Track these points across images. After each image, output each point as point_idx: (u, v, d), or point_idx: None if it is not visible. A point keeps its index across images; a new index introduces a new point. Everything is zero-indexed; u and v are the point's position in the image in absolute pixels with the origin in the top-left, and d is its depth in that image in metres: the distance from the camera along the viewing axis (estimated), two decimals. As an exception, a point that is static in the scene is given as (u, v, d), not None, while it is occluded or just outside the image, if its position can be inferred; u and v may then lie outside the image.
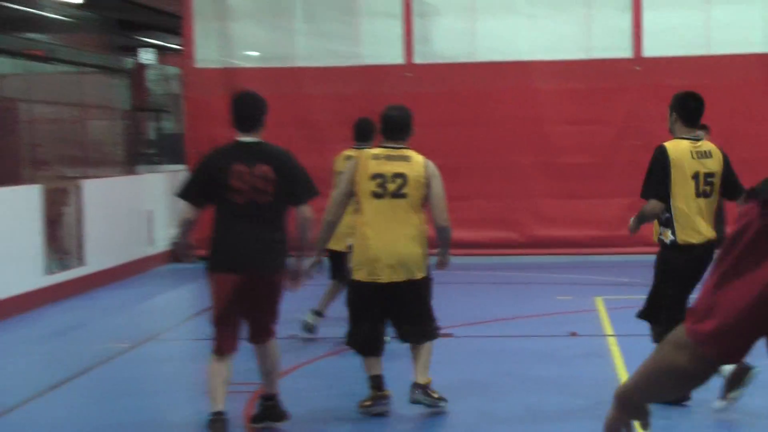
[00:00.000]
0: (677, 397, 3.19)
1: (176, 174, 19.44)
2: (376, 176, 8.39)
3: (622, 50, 17.99)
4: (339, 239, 9.75)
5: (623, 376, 9.17)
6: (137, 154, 21.55)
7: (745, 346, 2.63)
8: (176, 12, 20.75)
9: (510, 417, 8.44)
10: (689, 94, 9.06)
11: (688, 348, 2.68)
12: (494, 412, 8.56)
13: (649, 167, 8.69)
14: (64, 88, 17.80)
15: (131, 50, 30.40)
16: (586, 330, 11.44)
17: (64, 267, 15.20)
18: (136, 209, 17.80)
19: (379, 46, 18.43)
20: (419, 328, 8.49)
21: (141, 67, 31.35)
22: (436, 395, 8.45)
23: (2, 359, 11.26)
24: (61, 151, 16.84)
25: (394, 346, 9.19)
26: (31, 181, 15.46)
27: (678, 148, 8.57)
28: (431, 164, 8.51)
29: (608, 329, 9.91)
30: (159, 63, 33.59)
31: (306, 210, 7.97)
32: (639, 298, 10.00)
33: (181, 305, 15.73)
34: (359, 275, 8.46)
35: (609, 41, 18.12)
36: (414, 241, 8.43)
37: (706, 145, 8.74)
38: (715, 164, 8.60)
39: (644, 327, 11.10)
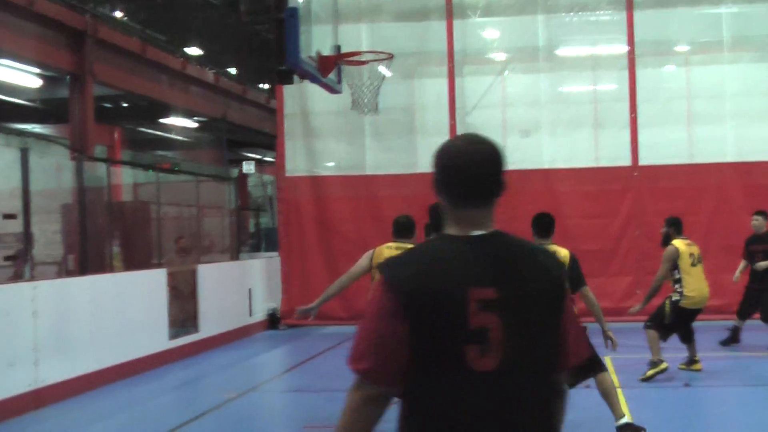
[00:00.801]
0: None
1: (271, 260, 19.61)
2: None
3: (624, 160, 17.99)
4: None
5: (627, 413, 9.07)
6: (241, 244, 21.74)
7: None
8: (271, 132, 21.07)
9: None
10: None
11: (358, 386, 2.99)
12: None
13: None
14: (186, 193, 18.07)
15: (237, 162, 30.81)
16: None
17: (184, 333, 15.34)
18: (239, 287, 17.92)
19: (432, 157, 18.56)
20: None
21: (244, 176, 31.73)
22: None
23: (139, 405, 11.36)
24: (183, 241, 17.01)
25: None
26: (159, 266, 15.69)
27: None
28: None
29: (616, 382, 9.86)
30: (258, 172, 34.02)
31: None
32: (639, 357, 9.99)
33: (275, 363, 15.75)
34: None
35: (613, 153, 18.13)
36: None
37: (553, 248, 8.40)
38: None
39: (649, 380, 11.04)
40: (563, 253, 8.61)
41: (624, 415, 8.56)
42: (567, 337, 3.16)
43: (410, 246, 8.80)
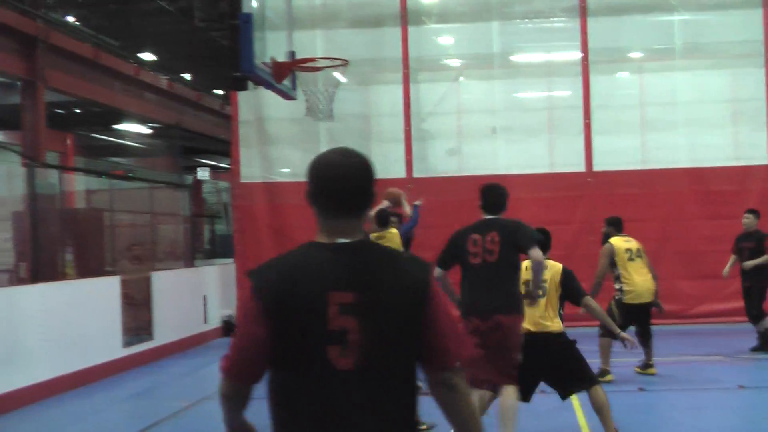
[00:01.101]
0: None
1: (226, 267, 19.52)
2: None
3: (578, 166, 18.11)
4: None
5: (584, 425, 9.13)
6: (196, 251, 21.63)
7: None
8: (226, 138, 20.99)
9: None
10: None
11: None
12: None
13: None
14: (140, 200, 17.96)
15: (192, 168, 30.67)
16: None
17: (139, 341, 15.23)
18: (194, 294, 17.83)
19: (387, 164, 18.57)
20: None
21: (199, 182, 31.60)
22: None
23: (92, 416, 11.26)
24: (137, 249, 16.87)
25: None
26: (112, 273, 15.57)
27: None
28: None
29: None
30: (213, 178, 33.86)
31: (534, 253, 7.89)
32: (593, 361, 10.05)
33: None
34: None
35: (568, 159, 18.26)
36: None
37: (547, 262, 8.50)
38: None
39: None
40: (556, 267, 8.66)
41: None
42: (439, 337, 3.35)
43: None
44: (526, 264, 8.27)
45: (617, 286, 12.28)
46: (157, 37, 23.55)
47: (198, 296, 17.94)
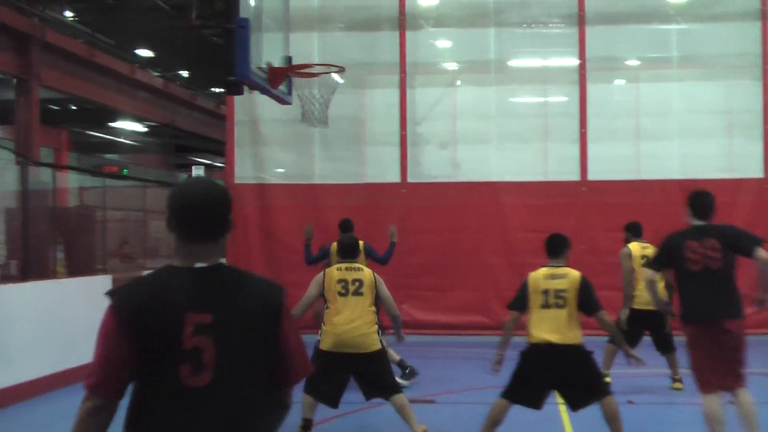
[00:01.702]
0: None
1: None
2: (340, 281, 9.33)
3: (572, 174, 18.17)
4: None
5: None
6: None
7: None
8: (221, 138, 21.02)
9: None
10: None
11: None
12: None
13: None
14: (132, 197, 17.97)
15: (185, 166, 30.69)
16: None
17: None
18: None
19: (381, 168, 18.60)
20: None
21: (192, 180, 31.63)
22: None
23: (77, 415, 11.25)
24: (128, 248, 16.87)
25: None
26: (103, 272, 15.59)
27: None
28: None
29: (560, 399, 9.92)
30: (206, 177, 33.93)
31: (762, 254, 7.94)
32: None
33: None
34: (328, 348, 9.20)
35: (561, 167, 18.31)
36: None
37: (563, 270, 8.64)
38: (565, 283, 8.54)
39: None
40: (574, 275, 8.60)
41: None
42: (288, 356, 3.67)
43: (358, 266, 9.47)
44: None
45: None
46: (152, 34, 23.52)
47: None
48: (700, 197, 8.40)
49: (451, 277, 17.71)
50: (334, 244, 11.42)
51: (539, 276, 8.63)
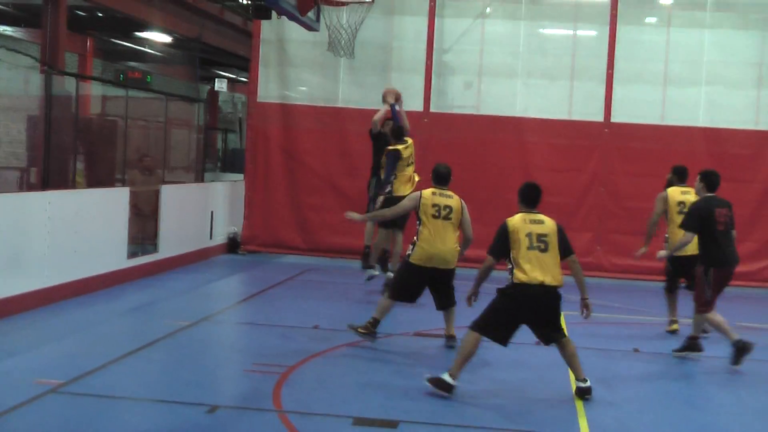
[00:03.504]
0: None
1: (235, 184, 19.60)
2: (434, 206, 10.63)
3: (596, 115, 18.05)
4: None
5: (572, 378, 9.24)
6: (207, 163, 21.67)
7: None
8: (246, 55, 20.92)
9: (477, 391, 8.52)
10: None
11: None
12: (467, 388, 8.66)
13: None
14: (154, 108, 17.94)
15: (209, 79, 30.59)
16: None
17: (143, 252, 15.38)
18: (201, 209, 17.93)
19: (405, 96, 18.49)
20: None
21: (215, 93, 31.55)
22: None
23: (90, 327, 11.41)
24: (148, 160, 16.88)
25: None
26: (122, 183, 15.66)
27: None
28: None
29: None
30: (230, 91, 33.79)
31: None
32: (598, 316, 10.18)
33: (231, 292, 15.78)
34: (419, 262, 10.59)
35: (586, 107, 18.19)
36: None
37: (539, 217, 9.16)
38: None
39: (592, 340, 11.23)
40: (550, 223, 9.02)
41: (586, 379, 8.90)
42: None
43: (449, 193, 10.68)
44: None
45: (666, 236, 12.39)
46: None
47: (205, 212, 18.05)
48: (714, 176, 10.93)
49: (471, 213, 17.70)
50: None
51: (519, 221, 9.02)
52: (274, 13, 10.92)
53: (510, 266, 8.84)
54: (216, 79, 30.16)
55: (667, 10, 18.65)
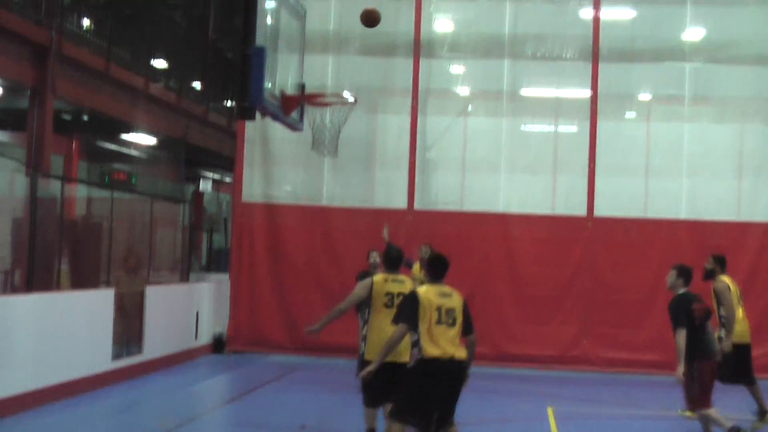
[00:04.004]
0: None
1: (221, 283, 19.58)
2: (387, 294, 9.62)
3: (579, 209, 18.19)
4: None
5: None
6: (192, 262, 21.65)
7: None
8: (230, 154, 21.10)
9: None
10: None
11: None
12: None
13: None
14: (139, 208, 18.01)
15: (194, 179, 30.74)
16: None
17: (128, 354, 15.28)
18: (187, 309, 17.88)
19: (389, 192, 18.69)
20: None
21: (200, 193, 31.69)
22: None
23: (76, 428, 11.30)
24: (133, 260, 16.86)
25: None
26: (107, 284, 15.63)
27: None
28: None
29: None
30: (215, 190, 33.95)
31: None
32: (587, 411, 10.13)
33: (217, 392, 15.68)
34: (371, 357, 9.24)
35: (569, 200, 18.36)
36: None
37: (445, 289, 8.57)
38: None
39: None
40: (458, 298, 8.53)
41: None
42: None
43: (402, 278, 9.67)
44: None
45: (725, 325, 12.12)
46: (168, 46, 23.69)
47: (190, 312, 17.99)
48: (690, 272, 10.57)
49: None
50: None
51: (430, 293, 8.46)
52: (258, 114, 10.99)
53: (416, 339, 8.28)
54: (201, 180, 30.35)
55: (646, 105, 18.99)
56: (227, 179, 30.49)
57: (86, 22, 20.62)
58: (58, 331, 12.71)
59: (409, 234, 17.85)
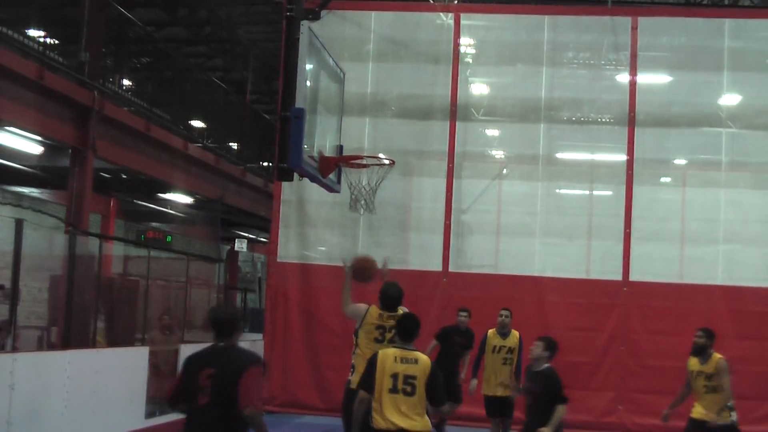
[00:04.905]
0: None
1: (255, 343, 19.53)
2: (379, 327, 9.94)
3: (614, 274, 18.07)
4: None
5: None
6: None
7: None
8: (266, 215, 21.21)
9: None
10: None
11: None
12: None
13: None
14: (175, 267, 18.13)
15: (229, 239, 30.89)
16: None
17: (161, 412, 15.26)
18: (221, 369, 17.80)
19: (424, 255, 18.65)
20: None
21: (235, 253, 31.82)
22: None
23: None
24: (166, 319, 16.93)
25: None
26: (142, 342, 15.69)
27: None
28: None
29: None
30: (249, 250, 34.06)
31: None
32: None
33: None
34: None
35: (604, 265, 18.24)
36: None
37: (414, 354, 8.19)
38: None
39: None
40: (425, 361, 8.18)
41: None
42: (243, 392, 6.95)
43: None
44: None
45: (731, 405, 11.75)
46: (207, 107, 24.00)
47: (224, 371, 17.92)
48: (556, 345, 10.45)
49: (488, 370, 17.62)
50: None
51: (388, 357, 8.09)
52: (296, 175, 11.07)
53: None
54: (236, 239, 30.47)
55: (682, 171, 18.93)
56: (262, 239, 30.62)
57: (127, 82, 20.97)
58: (93, 388, 12.75)
59: (444, 296, 17.82)
